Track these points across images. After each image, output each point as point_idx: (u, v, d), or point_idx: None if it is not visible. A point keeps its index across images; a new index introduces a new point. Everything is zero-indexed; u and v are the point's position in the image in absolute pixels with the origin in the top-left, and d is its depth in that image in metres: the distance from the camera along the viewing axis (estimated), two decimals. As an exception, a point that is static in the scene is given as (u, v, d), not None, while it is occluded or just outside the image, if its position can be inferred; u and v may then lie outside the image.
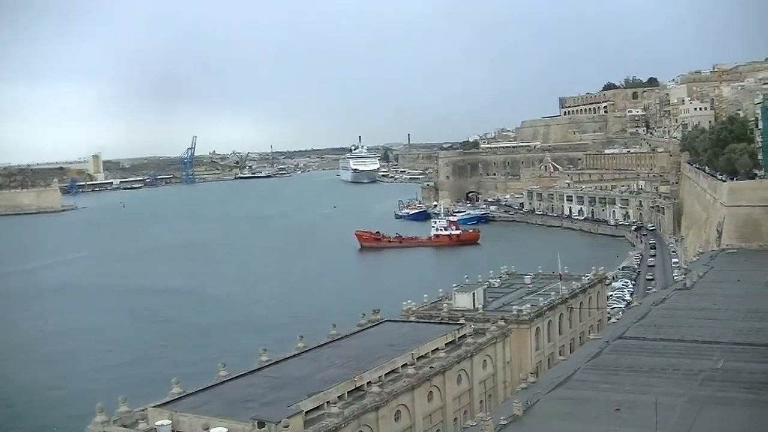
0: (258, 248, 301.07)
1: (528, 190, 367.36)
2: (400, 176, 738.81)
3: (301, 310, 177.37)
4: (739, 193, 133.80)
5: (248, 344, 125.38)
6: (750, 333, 71.23)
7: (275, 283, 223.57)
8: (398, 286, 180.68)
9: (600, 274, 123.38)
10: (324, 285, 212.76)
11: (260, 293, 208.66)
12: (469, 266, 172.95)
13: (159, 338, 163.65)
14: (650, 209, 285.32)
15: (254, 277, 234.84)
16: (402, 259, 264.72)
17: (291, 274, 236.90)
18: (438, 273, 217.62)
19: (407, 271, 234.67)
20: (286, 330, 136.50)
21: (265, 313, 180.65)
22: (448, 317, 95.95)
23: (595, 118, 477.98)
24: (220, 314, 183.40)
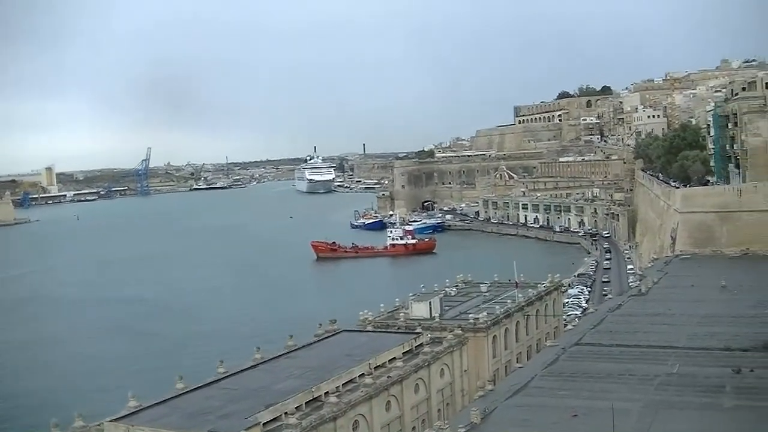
0: (213, 260, 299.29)
1: (483, 199, 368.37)
2: (356, 186, 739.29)
3: (257, 321, 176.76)
4: (692, 199, 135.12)
5: (205, 356, 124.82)
6: (704, 337, 71.97)
7: (231, 294, 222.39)
8: (355, 296, 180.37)
9: (556, 282, 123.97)
10: (280, 296, 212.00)
11: (216, 305, 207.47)
12: (425, 275, 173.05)
13: (114, 350, 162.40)
14: (605, 216, 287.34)
15: (210, 288, 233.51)
16: (358, 269, 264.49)
17: (247, 285, 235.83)
18: (394, 282, 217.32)
19: (364, 281, 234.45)
20: (243, 341, 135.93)
21: (222, 325, 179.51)
22: (404, 327, 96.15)
23: (550, 126, 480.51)
24: (177, 326, 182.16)
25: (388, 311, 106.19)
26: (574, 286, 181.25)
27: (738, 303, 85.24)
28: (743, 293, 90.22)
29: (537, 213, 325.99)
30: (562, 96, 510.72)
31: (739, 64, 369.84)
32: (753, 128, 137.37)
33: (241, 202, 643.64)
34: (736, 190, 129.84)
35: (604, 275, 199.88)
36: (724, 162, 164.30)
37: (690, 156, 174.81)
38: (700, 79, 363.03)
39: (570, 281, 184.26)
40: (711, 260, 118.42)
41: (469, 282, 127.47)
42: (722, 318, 79.26)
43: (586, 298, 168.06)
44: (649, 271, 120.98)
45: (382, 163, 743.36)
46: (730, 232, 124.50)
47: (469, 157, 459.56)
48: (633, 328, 78.35)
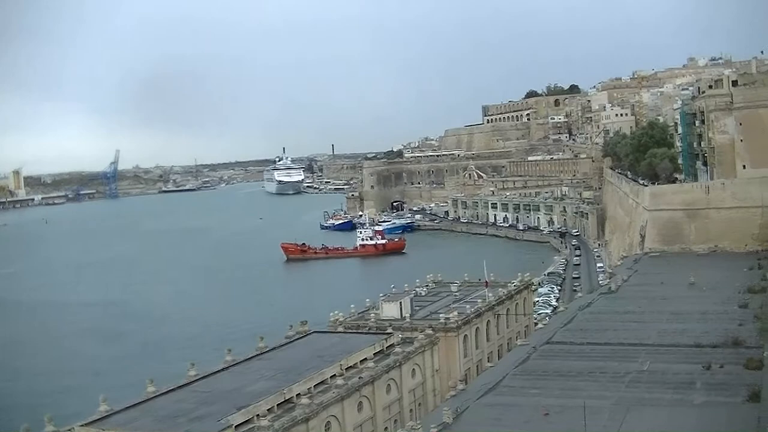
0: (184, 262, 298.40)
1: (453, 199, 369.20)
2: (325, 187, 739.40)
3: (228, 323, 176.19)
4: (661, 197, 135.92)
5: (176, 358, 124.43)
6: (674, 334, 72.44)
7: (201, 296, 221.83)
8: (325, 297, 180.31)
9: (526, 281, 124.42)
10: (251, 298, 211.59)
11: (186, 307, 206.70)
12: (395, 275, 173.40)
13: (84, 353, 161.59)
14: (574, 215, 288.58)
15: (179, 290, 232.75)
16: (328, 270, 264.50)
17: (217, 287, 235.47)
18: (365, 283, 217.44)
19: (334, 282, 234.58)
20: (214, 343, 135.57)
21: (192, 327, 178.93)
22: (375, 327, 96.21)
23: (518, 125, 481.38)
24: (147, 329, 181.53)
25: (358, 312, 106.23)
26: (544, 284, 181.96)
27: (707, 300, 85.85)
28: (712, 290, 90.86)
29: (506, 212, 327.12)
30: (530, 95, 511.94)
31: (706, 62, 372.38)
32: (720, 126, 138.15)
33: (211, 204, 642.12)
34: (704, 187, 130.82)
35: (573, 273, 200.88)
36: (691, 159, 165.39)
37: (658, 154, 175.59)
38: (668, 77, 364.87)
39: (540, 280, 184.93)
40: (680, 257, 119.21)
41: (440, 282, 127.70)
42: (691, 315, 79.80)
43: (556, 296, 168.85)
44: (618, 269, 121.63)
45: (351, 164, 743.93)
46: (698, 230, 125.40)
47: (438, 156, 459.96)
48: (603, 326, 78.73)
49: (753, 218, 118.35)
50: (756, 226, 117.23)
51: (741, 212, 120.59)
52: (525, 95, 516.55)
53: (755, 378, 55.47)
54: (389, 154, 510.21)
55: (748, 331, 68.76)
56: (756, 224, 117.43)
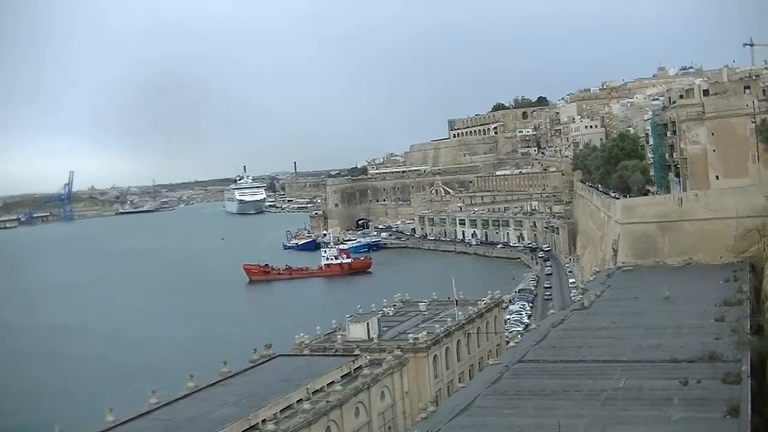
0: (143, 284, 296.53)
1: (419, 215, 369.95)
2: (288, 206, 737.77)
3: (189, 348, 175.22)
4: (633, 210, 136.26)
5: (136, 385, 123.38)
6: (650, 349, 72.51)
7: (161, 320, 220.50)
8: (290, 319, 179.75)
9: (496, 298, 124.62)
10: (213, 321, 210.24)
11: (146, 331, 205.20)
12: (361, 295, 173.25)
13: (38, 381, 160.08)
14: (545, 230, 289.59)
15: (140, 314, 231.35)
16: (292, 291, 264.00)
17: (177, 310, 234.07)
18: (330, 304, 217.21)
19: (298, 303, 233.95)
20: (175, 369, 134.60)
21: (152, 353, 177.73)
22: (342, 349, 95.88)
23: (485, 139, 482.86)
24: (105, 355, 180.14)
25: (324, 334, 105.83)
26: (515, 302, 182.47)
27: (682, 313, 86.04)
28: (687, 303, 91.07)
29: (475, 228, 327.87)
30: (497, 108, 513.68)
31: (676, 71, 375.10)
32: (692, 136, 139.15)
33: (170, 225, 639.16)
34: (677, 199, 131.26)
35: (545, 290, 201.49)
36: (663, 171, 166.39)
37: (629, 166, 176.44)
38: (637, 87, 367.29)
39: (511, 297, 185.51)
40: (654, 271, 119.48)
41: (407, 301, 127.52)
42: (667, 329, 79.97)
43: (527, 313, 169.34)
44: (591, 284, 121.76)
45: (314, 182, 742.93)
46: (672, 242, 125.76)
47: (403, 173, 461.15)
48: (577, 343, 78.74)
49: (727, 229, 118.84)
50: (730, 238, 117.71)
51: (715, 224, 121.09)
52: (492, 108, 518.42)
53: (734, 392, 55.59)
54: (353, 170, 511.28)
55: (725, 345, 68.95)
56: (730, 235, 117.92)
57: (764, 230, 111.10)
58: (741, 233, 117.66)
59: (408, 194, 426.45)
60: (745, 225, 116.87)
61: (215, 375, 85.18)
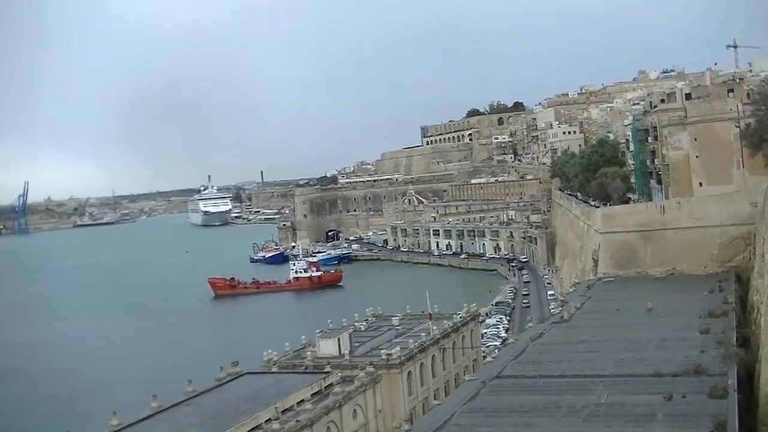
0: (105, 300, 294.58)
1: (391, 226, 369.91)
2: (254, 217, 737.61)
3: (152, 366, 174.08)
4: (614, 218, 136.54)
5: (97, 407, 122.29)
6: (632, 363, 72.45)
7: (123, 337, 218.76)
8: (257, 335, 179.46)
9: (472, 312, 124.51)
10: (177, 338, 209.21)
11: (107, 350, 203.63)
12: (332, 310, 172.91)
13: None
14: (522, 240, 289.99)
15: (99, 332, 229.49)
16: (260, 306, 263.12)
17: (140, 327, 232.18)
18: (300, 319, 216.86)
19: (266, 319, 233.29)
20: (138, 389, 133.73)
21: (114, 372, 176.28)
22: (312, 366, 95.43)
23: (460, 146, 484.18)
24: (64, 375, 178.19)
25: (293, 350, 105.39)
26: (492, 315, 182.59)
27: (666, 326, 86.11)
28: (670, 315, 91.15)
29: (449, 239, 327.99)
30: (471, 114, 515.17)
31: (657, 75, 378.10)
32: (674, 141, 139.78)
33: (131, 238, 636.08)
34: (659, 207, 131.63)
35: (523, 302, 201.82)
36: (645, 178, 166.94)
37: (609, 173, 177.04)
38: (617, 91, 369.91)
39: (487, 310, 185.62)
40: (636, 282, 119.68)
41: (380, 315, 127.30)
42: (650, 342, 79.98)
43: (505, 327, 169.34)
44: (571, 296, 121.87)
45: (282, 192, 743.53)
46: (654, 252, 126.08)
47: (374, 182, 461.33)
48: (557, 358, 78.63)
49: (711, 238, 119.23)
50: (715, 247, 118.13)
51: (699, 232, 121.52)
52: (466, 114, 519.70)
53: (720, 407, 55.53)
54: (323, 180, 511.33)
55: (710, 358, 68.98)
56: (715, 244, 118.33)
57: (749, 239, 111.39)
58: (726, 242, 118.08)
59: (380, 204, 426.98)
60: (730, 233, 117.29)
61: (180, 394, 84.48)
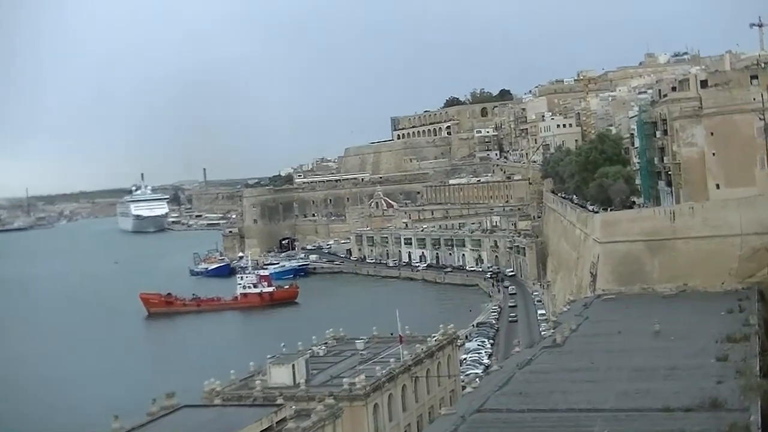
0: (15, 320, 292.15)
1: (356, 234, 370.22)
2: (196, 222, 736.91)
3: (71, 399, 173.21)
4: (615, 226, 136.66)
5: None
6: (636, 396, 72.34)
7: (38, 365, 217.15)
8: (197, 361, 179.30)
9: (450, 334, 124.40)
10: (102, 365, 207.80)
11: (19, 380, 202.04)
12: (286, 331, 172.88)
13: None
14: (508, 251, 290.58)
15: (11, 357, 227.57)
16: (201, 327, 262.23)
17: (59, 352, 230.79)
18: (248, 342, 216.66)
19: (209, 342, 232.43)
20: (56, 425, 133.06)
21: (26, 406, 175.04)
22: (262, 397, 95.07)
23: (437, 141, 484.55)
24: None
25: (240, 379, 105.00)
26: (472, 338, 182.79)
27: (676, 352, 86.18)
28: (682, 339, 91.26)
29: (423, 249, 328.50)
30: (451, 103, 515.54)
31: (668, 58, 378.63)
32: (687, 137, 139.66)
33: (50, 246, 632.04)
34: (669, 213, 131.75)
35: (510, 316, 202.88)
36: (652, 179, 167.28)
37: (610, 173, 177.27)
38: (621, 78, 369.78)
39: (468, 332, 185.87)
40: (641, 300, 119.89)
41: (342, 338, 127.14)
42: (658, 371, 79.96)
43: (488, 352, 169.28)
44: (565, 316, 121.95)
45: (229, 193, 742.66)
46: (662, 265, 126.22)
47: (337, 182, 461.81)
48: (548, 388, 78.48)
49: (730, 249, 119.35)
50: (734, 259, 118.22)
51: (715, 242, 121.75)
52: (444, 103, 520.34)
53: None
54: (276, 179, 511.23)
55: (728, 390, 68.92)
56: (734, 257, 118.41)
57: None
58: (746, 254, 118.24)
59: (342, 208, 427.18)
60: (752, 244, 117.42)
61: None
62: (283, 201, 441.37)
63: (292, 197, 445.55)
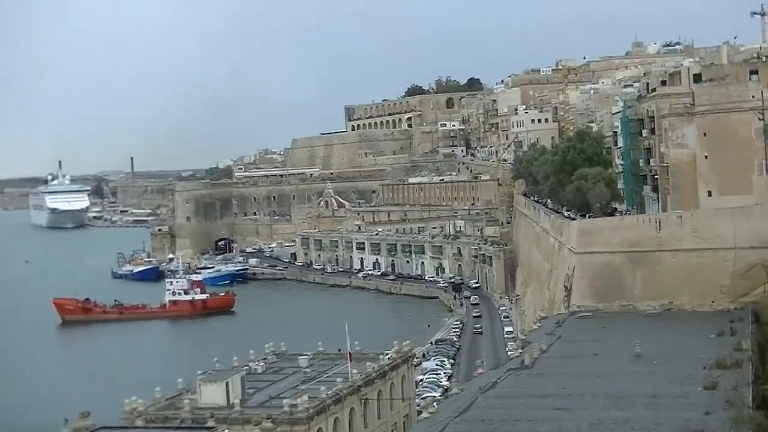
0: None
1: (302, 236, 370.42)
2: (121, 218, 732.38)
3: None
4: (594, 234, 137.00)
5: None
6: (613, 426, 72.52)
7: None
8: (118, 377, 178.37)
9: (405, 352, 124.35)
10: (7, 380, 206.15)
11: None
12: (220, 344, 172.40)
13: None
14: (473, 259, 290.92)
15: None
16: (124, 337, 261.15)
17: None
18: (176, 356, 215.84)
19: (131, 355, 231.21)
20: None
21: None
22: (191, 419, 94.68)
23: (396, 134, 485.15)
24: None
25: (166, 398, 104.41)
26: (430, 357, 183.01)
27: (659, 377, 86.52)
28: (665, 364, 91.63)
29: (378, 255, 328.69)
30: (412, 92, 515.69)
31: (658, 48, 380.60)
32: (676, 137, 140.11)
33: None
34: (654, 221, 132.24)
35: (475, 327, 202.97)
36: (636, 183, 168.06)
37: (590, 175, 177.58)
38: (604, 69, 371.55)
39: (425, 350, 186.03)
40: (620, 319, 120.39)
41: (283, 353, 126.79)
42: (638, 398, 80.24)
43: (447, 373, 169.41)
44: (535, 334, 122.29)
45: (159, 186, 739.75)
46: (646, 280, 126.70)
47: (282, 177, 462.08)
48: (514, 415, 78.61)
49: (722, 264, 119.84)
50: (726, 276, 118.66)
51: (706, 256, 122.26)
52: (405, 92, 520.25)
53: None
54: (213, 172, 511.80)
55: (717, 422, 69.22)
56: (726, 273, 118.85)
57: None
58: (740, 270, 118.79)
59: (288, 206, 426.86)
60: (747, 259, 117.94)
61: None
62: (221, 197, 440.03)
63: (231, 193, 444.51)
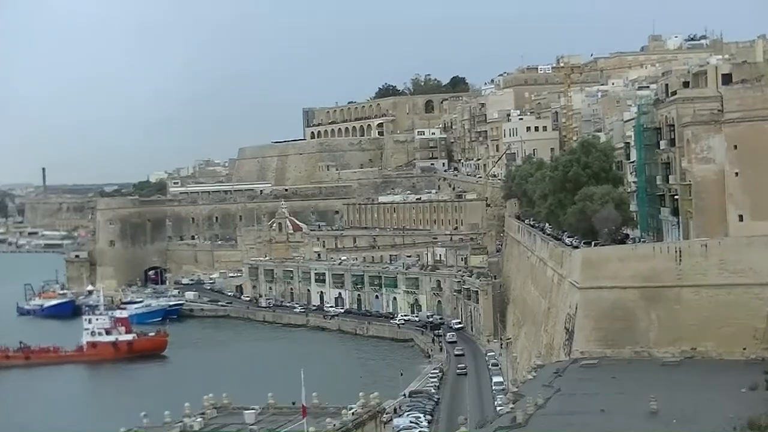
0: None
1: (250, 265, 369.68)
2: (29, 242, 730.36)
3: None
4: (601, 266, 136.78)
5: None
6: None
7: None
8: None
9: (373, 405, 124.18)
10: None
11: None
12: (149, 395, 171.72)
13: None
14: (455, 295, 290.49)
15: None
16: (31, 386, 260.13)
17: None
18: (95, 409, 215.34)
19: (40, 408, 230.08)
20: None
21: None
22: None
23: (364, 143, 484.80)
24: None
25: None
26: (403, 412, 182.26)
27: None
28: (686, 423, 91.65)
29: (341, 289, 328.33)
30: (385, 93, 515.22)
31: (679, 43, 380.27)
32: (701, 149, 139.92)
33: None
34: (674, 250, 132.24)
35: (459, 371, 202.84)
36: (652, 205, 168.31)
37: (596, 195, 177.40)
38: (614, 67, 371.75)
39: (397, 404, 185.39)
40: (633, 368, 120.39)
41: (226, 407, 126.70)
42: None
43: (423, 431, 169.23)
44: (529, 386, 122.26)
45: (77, 203, 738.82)
46: (663, 322, 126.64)
47: (226, 193, 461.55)
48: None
49: (756, 304, 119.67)
50: (761, 318, 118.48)
51: (736, 293, 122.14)
52: (376, 93, 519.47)
53: None
54: (143, 187, 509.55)
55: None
56: (762, 314, 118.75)
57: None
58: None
59: (233, 229, 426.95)
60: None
61: None
62: (152, 217, 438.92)
63: (165, 212, 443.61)
